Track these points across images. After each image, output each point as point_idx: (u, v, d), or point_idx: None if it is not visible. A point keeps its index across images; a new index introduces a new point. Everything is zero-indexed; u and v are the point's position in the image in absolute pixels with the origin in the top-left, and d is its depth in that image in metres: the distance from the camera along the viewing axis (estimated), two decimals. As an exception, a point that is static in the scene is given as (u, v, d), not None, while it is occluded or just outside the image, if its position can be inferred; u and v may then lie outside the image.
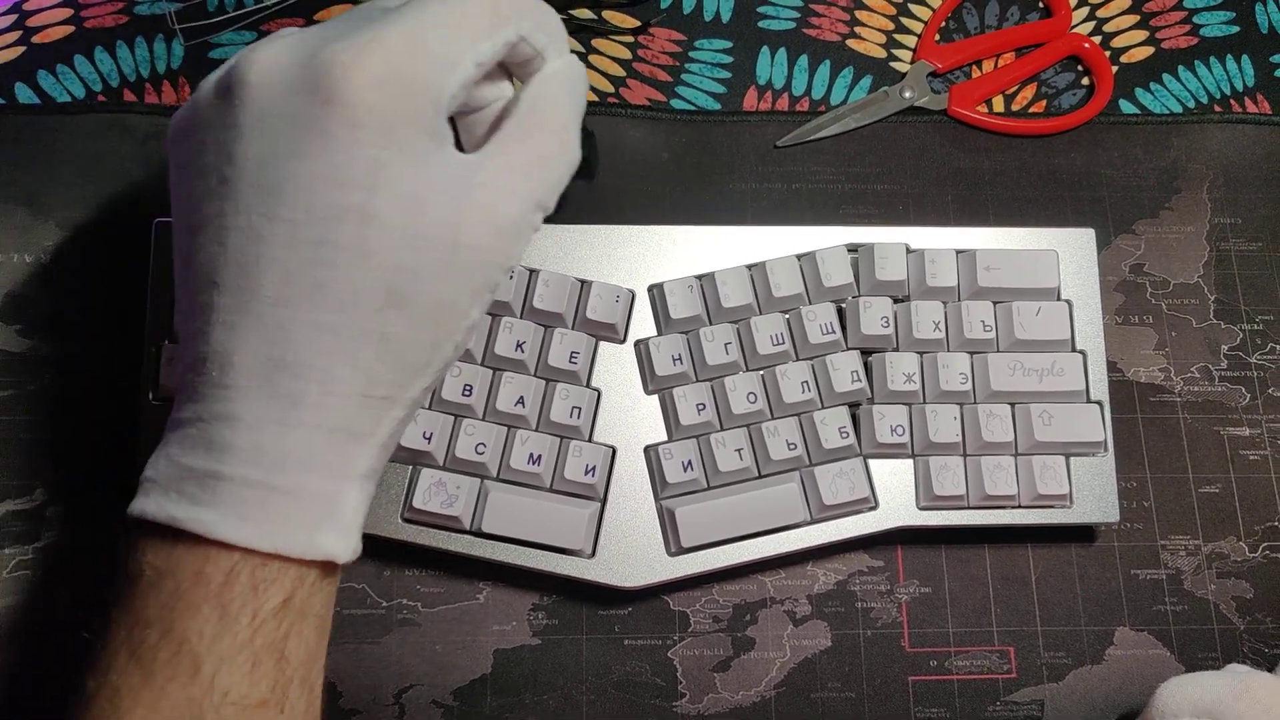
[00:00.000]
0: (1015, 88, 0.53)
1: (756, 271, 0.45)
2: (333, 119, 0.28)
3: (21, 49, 0.50)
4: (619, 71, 0.52)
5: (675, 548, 0.43)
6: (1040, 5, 0.55)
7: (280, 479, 0.28)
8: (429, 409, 0.42)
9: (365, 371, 0.29)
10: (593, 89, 0.51)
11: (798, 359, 0.44)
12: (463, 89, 0.30)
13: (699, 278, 0.45)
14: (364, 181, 0.28)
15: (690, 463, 0.43)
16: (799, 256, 0.45)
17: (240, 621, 0.28)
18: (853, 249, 0.46)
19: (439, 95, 0.29)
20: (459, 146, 0.31)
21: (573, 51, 0.53)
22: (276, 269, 0.28)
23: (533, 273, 0.44)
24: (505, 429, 0.42)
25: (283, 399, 0.28)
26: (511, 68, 0.33)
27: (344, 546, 0.29)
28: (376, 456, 0.30)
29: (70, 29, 0.51)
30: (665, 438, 0.44)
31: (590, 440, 0.43)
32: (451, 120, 0.32)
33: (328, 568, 0.30)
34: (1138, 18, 0.55)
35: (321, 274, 0.28)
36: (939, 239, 0.46)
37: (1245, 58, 0.54)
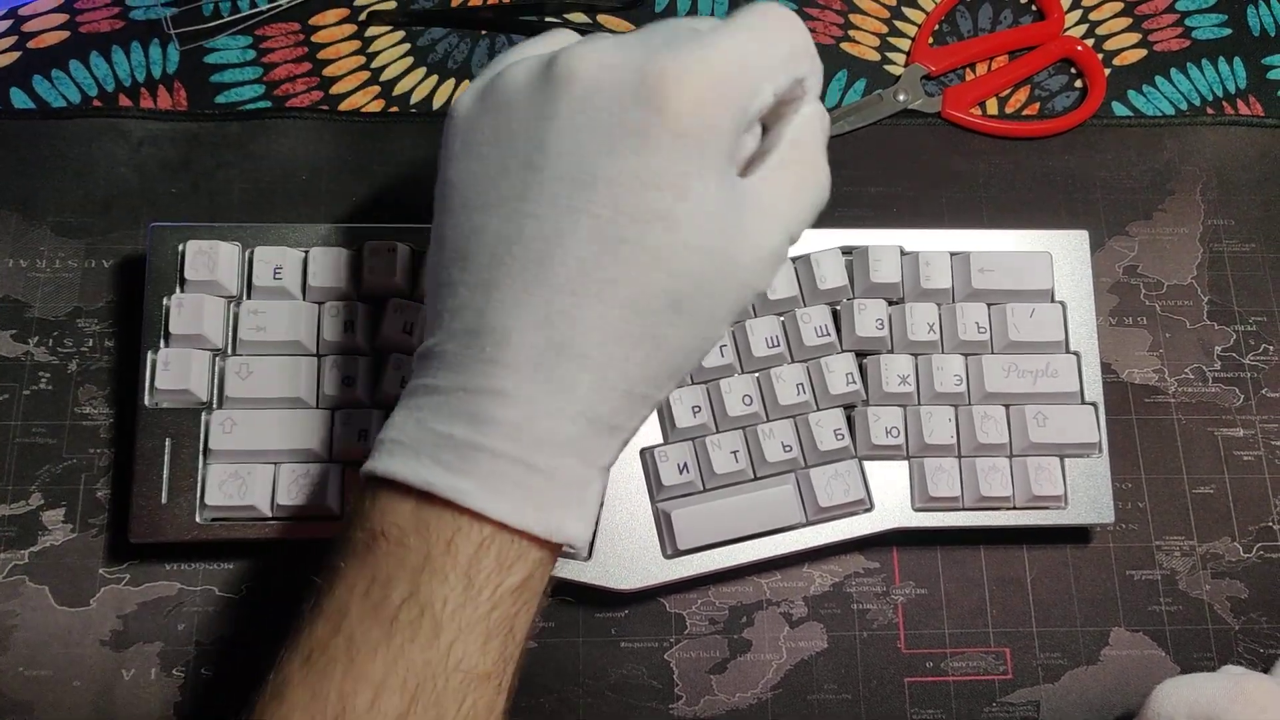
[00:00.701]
0: (1009, 90, 0.53)
1: (751, 274, 0.45)
2: (657, 125, 0.29)
3: (17, 54, 0.50)
4: (614, 75, 0.52)
5: (671, 550, 0.43)
6: (1033, 8, 0.55)
7: (541, 460, 0.29)
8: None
9: (635, 368, 0.30)
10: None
11: (793, 361, 0.44)
12: (758, 115, 0.31)
13: (694, 280, 0.45)
14: (674, 189, 0.29)
15: (686, 465, 0.43)
16: (793, 259, 0.45)
17: (482, 595, 0.28)
18: (847, 251, 0.46)
19: (742, 118, 0.30)
20: None
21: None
22: (573, 259, 0.29)
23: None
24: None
25: (555, 384, 0.29)
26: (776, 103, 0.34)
27: (585, 533, 0.30)
28: (618, 451, 0.31)
29: (65, 34, 0.51)
30: (661, 440, 0.44)
31: (586, 443, 0.43)
32: None
33: (556, 553, 0.31)
34: (1130, 20, 0.55)
35: (616, 271, 0.29)
36: (933, 241, 0.46)
37: (1237, 60, 0.54)
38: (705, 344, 0.32)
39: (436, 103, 0.51)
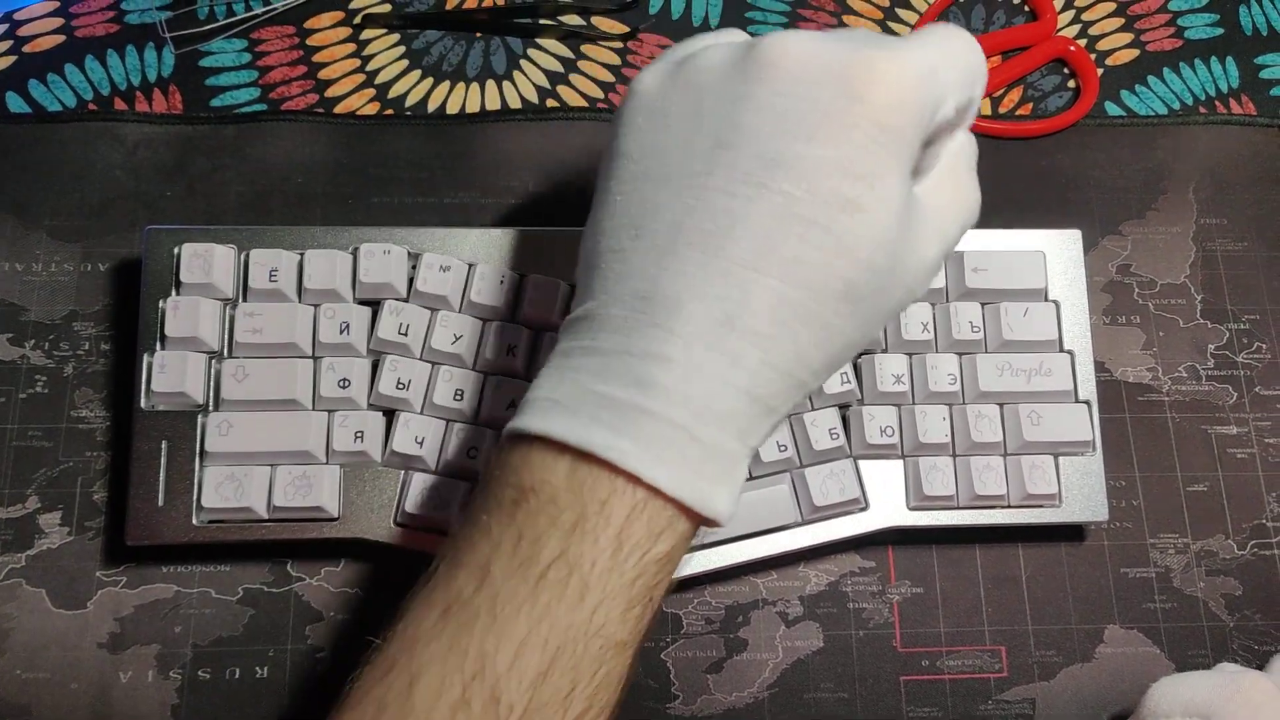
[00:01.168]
0: (1002, 90, 0.53)
1: (746, 274, 0.45)
2: (859, 115, 0.29)
3: (13, 58, 0.51)
4: (609, 78, 0.52)
5: (667, 550, 0.43)
6: (1026, 9, 0.55)
7: (702, 430, 0.29)
8: (421, 414, 0.42)
9: (802, 352, 0.30)
10: (582, 95, 0.52)
11: (788, 361, 0.45)
12: (939, 126, 0.32)
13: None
14: (868, 179, 0.29)
15: (681, 465, 0.43)
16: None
17: (629, 561, 0.28)
18: (841, 251, 0.46)
19: (929, 123, 0.31)
20: None
21: (558, 57, 0.53)
22: (757, 236, 0.29)
23: (524, 278, 0.44)
24: (497, 433, 0.43)
25: (724, 356, 0.29)
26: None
27: (731, 512, 0.30)
28: (768, 434, 0.31)
29: (61, 38, 0.51)
30: (656, 440, 0.44)
31: (582, 444, 0.43)
32: None
33: (696, 530, 0.30)
34: (1123, 20, 0.55)
35: (800, 251, 0.29)
36: (927, 241, 0.46)
37: (1230, 59, 0.54)
38: (864, 340, 0.32)
39: (431, 105, 0.51)
